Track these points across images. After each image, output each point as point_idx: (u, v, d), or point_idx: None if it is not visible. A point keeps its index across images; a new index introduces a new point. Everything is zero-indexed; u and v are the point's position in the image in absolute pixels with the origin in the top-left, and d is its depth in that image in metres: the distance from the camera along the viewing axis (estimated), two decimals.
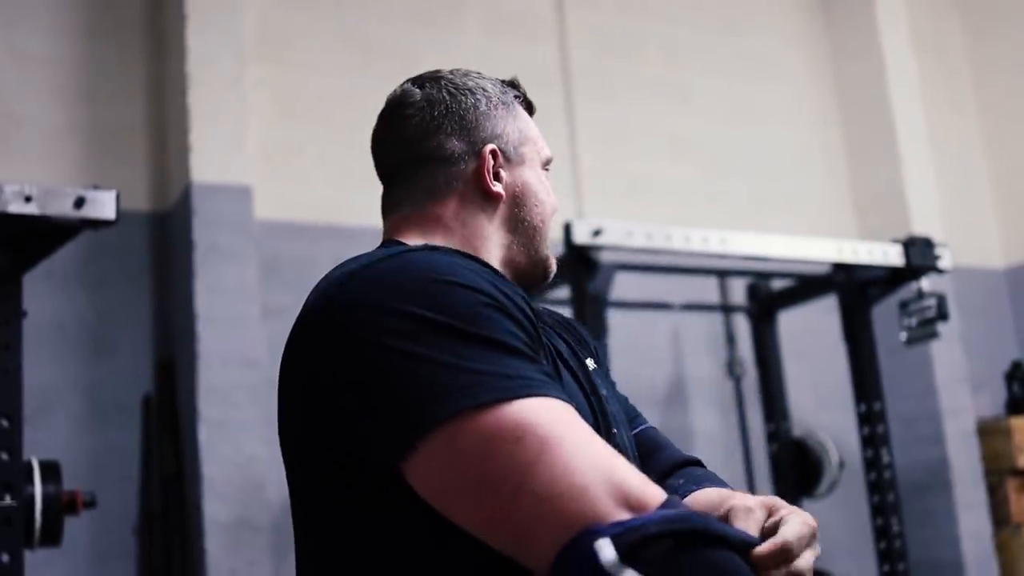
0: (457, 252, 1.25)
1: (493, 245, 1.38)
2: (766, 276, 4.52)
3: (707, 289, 4.76)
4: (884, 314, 4.41)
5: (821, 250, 3.97)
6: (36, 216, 2.48)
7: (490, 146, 1.40)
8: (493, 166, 1.39)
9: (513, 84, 1.49)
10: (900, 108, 5.49)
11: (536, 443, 1.01)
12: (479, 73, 1.47)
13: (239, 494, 3.57)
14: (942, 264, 4.14)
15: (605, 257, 3.41)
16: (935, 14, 6.29)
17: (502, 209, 1.40)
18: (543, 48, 4.93)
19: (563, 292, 3.64)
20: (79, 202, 2.51)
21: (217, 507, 3.55)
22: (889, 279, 4.15)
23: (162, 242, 3.98)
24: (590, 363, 1.43)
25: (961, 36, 6.40)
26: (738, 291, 4.77)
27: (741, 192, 5.25)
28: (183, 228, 3.78)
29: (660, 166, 5.08)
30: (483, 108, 1.41)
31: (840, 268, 4.11)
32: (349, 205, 4.19)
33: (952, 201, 5.81)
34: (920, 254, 4.06)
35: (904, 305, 4.25)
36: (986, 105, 6.31)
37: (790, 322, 4.75)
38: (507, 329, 1.10)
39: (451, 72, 1.44)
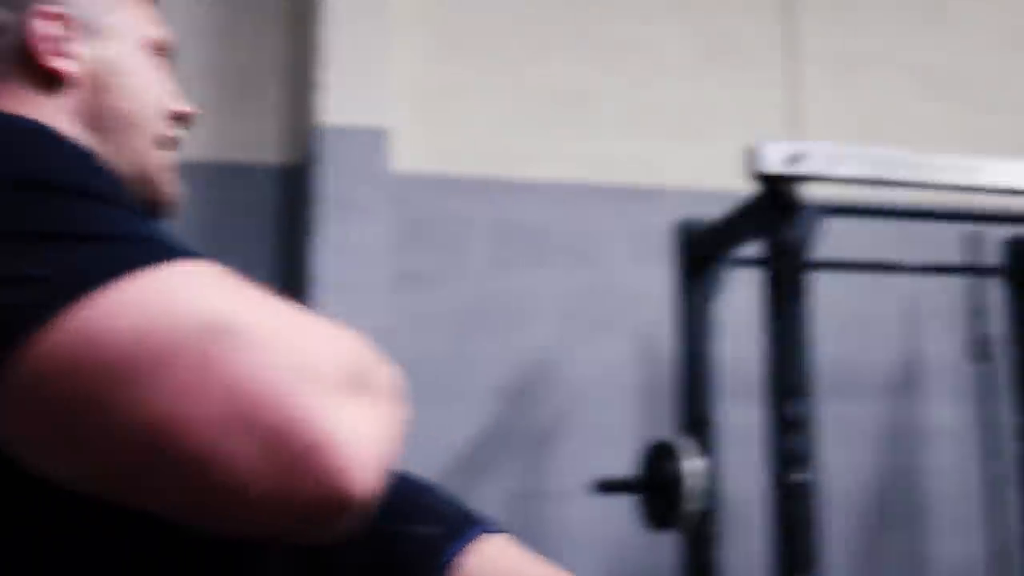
0: None
1: None
2: None
3: (953, 245, 3.89)
4: None
5: None
6: None
7: (44, 7, 1.02)
8: (55, 36, 1.02)
9: None
10: None
11: None
12: None
13: None
14: None
15: (809, 196, 2.62)
16: None
17: (75, 96, 1.03)
18: None
19: (750, 249, 2.87)
20: None
21: None
22: None
23: (292, 199, 3.55)
24: None
25: None
26: (993, 248, 3.87)
27: (1013, 131, 4.29)
28: (309, 180, 3.36)
29: (904, 101, 4.19)
30: None
31: None
32: (513, 154, 3.68)
33: None
34: None
35: None
36: None
37: None
38: None
39: None
